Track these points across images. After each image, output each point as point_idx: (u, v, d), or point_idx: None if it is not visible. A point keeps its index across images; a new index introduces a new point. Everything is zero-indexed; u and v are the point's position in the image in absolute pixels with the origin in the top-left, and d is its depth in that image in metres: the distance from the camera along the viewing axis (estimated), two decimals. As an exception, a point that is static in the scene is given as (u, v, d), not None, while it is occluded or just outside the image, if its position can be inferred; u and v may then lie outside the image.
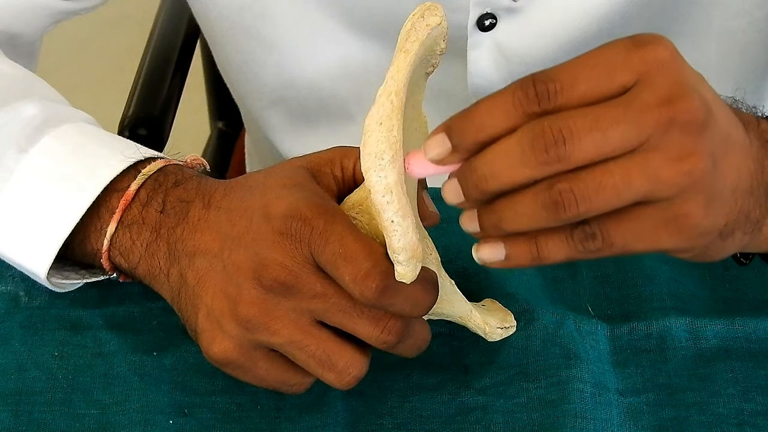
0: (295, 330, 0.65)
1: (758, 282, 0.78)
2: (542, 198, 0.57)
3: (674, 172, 0.57)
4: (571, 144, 0.56)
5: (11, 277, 0.77)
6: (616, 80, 0.57)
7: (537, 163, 0.56)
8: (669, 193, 0.57)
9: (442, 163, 0.59)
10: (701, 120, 0.57)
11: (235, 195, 0.69)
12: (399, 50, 0.61)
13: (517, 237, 0.60)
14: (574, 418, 0.70)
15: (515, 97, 0.57)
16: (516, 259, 0.60)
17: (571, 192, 0.57)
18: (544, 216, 0.57)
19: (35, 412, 0.71)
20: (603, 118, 0.56)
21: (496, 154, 0.57)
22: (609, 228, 0.59)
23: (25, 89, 0.78)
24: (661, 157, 0.57)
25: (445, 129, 0.59)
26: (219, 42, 0.99)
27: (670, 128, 0.57)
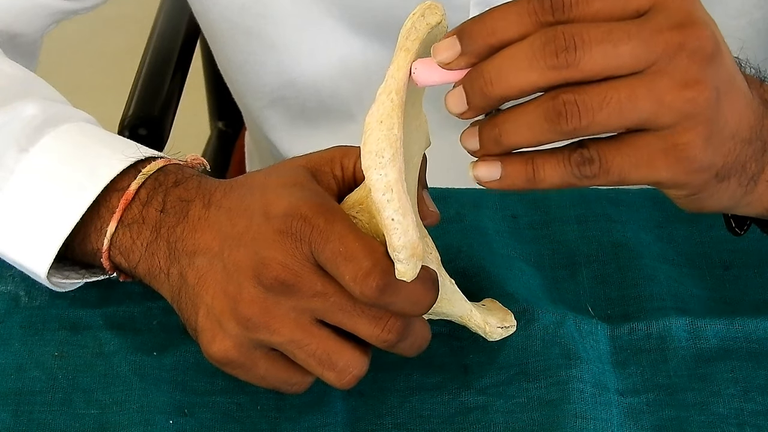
0: (295, 329, 0.65)
1: (758, 282, 0.78)
2: (545, 107, 0.57)
3: (679, 97, 0.58)
4: (581, 51, 0.56)
5: (11, 277, 0.77)
6: (632, 2, 0.58)
7: (545, 67, 0.57)
8: (671, 118, 0.58)
9: (449, 66, 0.59)
10: (710, 50, 0.58)
11: (235, 194, 0.69)
12: (399, 49, 0.61)
13: (514, 156, 0.60)
14: (574, 418, 0.70)
15: (530, 5, 0.58)
16: (511, 179, 0.60)
17: (575, 103, 0.57)
18: (545, 127, 0.58)
19: (35, 412, 0.71)
20: (615, 32, 0.57)
21: (505, 56, 0.58)
22: (607, 153, 0.59)
23: (26, 89, 0.79)
24: (667, 81, 0.57)
25: (456, 32, 0.59)
26: (219, 42, 0.99)
27: (679, 53, 0.57)
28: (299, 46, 0.94)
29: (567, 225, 0.81)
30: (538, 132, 0.58)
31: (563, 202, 0.82)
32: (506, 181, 0.60)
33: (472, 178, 0.61)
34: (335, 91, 0.97)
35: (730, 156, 0.62)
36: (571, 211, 0.82)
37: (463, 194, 0.82)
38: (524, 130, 0.58)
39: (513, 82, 0.58)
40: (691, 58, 0.58)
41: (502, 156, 0.60)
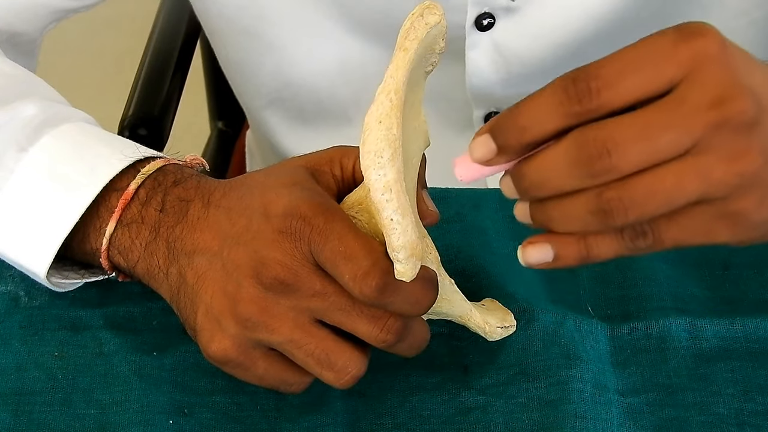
0: (294, 329, 0.65)
1: (758, 282, 0.78)
2: (591, 205, 0.57)
3: (727, 172, 0.56)
4: (617, 155, 0.55)
5: (11, 277, 0.77)
6: (662, 76, 0.56)
7: (585, 176, 0.56)
8: (723, 192, 0.57)
9: (488, 164, 0.59)
10: (752, 119, 0.56)
11: (235, 194, 0.69)
12: (398, 49, 0.61)
13: (565, 237, 0.60)
14: (574, 418, 0.70)
15: (555, 97, 0.56)
16: (565, 260, 0.60)
17: (620, 200, 0.56)
18: (594, 222, 0.57)
19: (35, 412, 0.71)
20: (650, 126, 0.55)
21: (543, 164, 0.57)
22: (661, 226, 0.58)
23: (25, 89, 0.79)
24: (713, 159, 0.56)
25: (489, 130, 0.58)
26: (218, 40, 0.99)
27: (721, 129, 0.56)
28: (297, 47, 0.94)
29: (567, 225, 0.81)
30: (588, 224, 0.58)
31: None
32: (560, 261, 0.60)
33: (521, 260, 0.61)
34: (333, 93, 0.97)
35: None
36: (571, 210, 0.82)
37: (463, 194, 0.82)
38: (573, 222, 0.58)
39: (556, 186, 0.57)
40: (734, 132, 0.56)
41: (552, 236, 0.60)
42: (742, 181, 0.57)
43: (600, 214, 0.57)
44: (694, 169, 0.56)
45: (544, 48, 0.88)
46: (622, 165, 0.55)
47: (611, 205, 0.56)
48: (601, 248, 0.59)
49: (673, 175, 0.56)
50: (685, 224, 0.58)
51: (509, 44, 0.89)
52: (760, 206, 0.58)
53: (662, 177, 0.56)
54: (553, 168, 0.57)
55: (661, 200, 0.56)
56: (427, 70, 0.65)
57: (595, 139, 0.55)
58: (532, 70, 0.90)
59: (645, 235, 0.59)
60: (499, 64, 0.90)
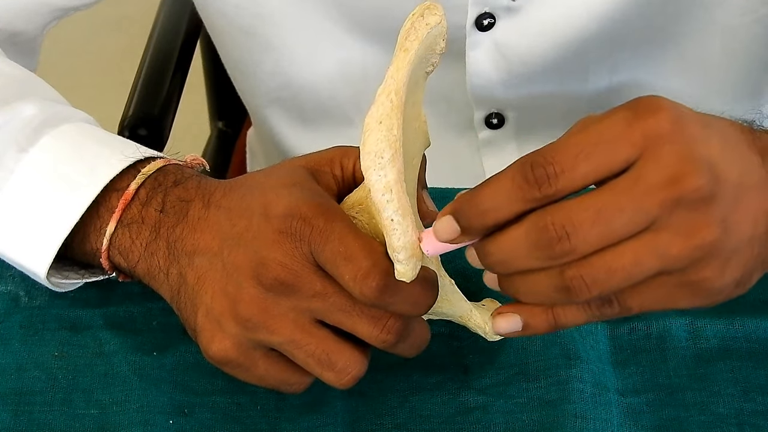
0: (294, 329, 0.65)
1: (758, 282, 0.78)
2: (555, 283, 0.58)
3: (684, 247, 0.57)
4: (575, 238, 0.56)
5: (11, 277, 0.77)
6: (617, 157, 0.56)
7: (545, 258, 0.57)
8: (681, 265, 0.58)
9: (453, 242, 0.60)
10: (708, 193, 0.56)
11: (235, 194, 0.69)
12: (399, 49, 0.61)
13: (533, 307, 0.61)
14: (574, 418, 0.70)
15: (515, 182, 0.57)
16: (534, 329, 0.62)
17: (582, 279, 0.57)
18: (559, 298, 0.59)
19: (35, 412, 0.71)
20: (605, 209, 0.56)
21: (504, 245, 0.58)
22: (625, 296, 0.60)
23: (25, 89, 0.78)
24: (669, 235, 0.57)
25: (452, 212, 0.59)
26: (219, 38, 0.99)
27: (677, 207, 0.56)
28: (296, 47, 0.94)
29: (567, 225, 0.81)
30: (552, 300, 0.59)
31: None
32: (529, 330, 0.62)
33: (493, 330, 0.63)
34: (333, 94, 0.97)
35: (749, 262, 0.61)
36: (571, 211, 0.82)
37: (463, 194, 0.82)
38: (538, 295, 0.59)
39: (519, 266, 0.58)
40: (689, 209, 0.56)
41: (521, 307, 0.62)
42: (701, 253, 0.57)
43: (564, 291, 0.58)
44: (651, 246, 0.57)
45: (545, 47, 0.88)
46: (581, 247, 0.56)
47: (573, 283, 0.57)
48: (568, 318, 0.61)
49: (631, 252, 0.57)
50: (648, 294, 0.59)
51: (510, 44, 0.88)
52: (721, 274, 0.59)
53: (620, 255, 0.57)
54: (514, 249, 0.58)
55: (621, 277, 0.57)
56: (427, 70, 0.65)
57: (553, 223, 0.56)
58: (534, 70, 0.90)
59: (611, 304, 0.60)
60: (500, 64, 0.90)
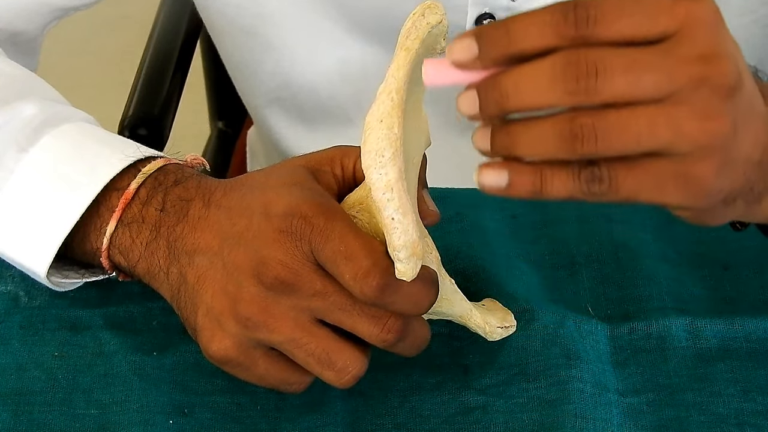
0: (294, 328, 0.65)
1: (758, 282, 0.78)
2: (561, 128, 0.57)
3: (698, 128, 0.57)
4: (603, 78, 0.56)
5: (11, 277, 0.77)
6: (658, 25, 0.57)
7: (564, 91, 0.56)
8: (687, 147, 0.58)
9: (462, 67, 0.58)
10: (732, 84, 0.58)
11: (235, 193, 0.69)
12: (400, 48, 0.61)
13: (522, 165, 0.59)
14: (574, 418, 0.70)
15: (553, 17, 0.56)
16: (517, 188, 0.59)
17: (593, 128, 0.56)
18: (559, 146, 0.57)
19: (35, 412, 0.71)
20: (639, 61, 0.56)
21: (524, 73, 0.57)
22: (618, 173, 0.58)
23: (25, 89, 0.79)
24: (687, 112, 0.57)
25: (475, 34, 0.57)
26: (219, 38, 0.99)
27: (702, 86, 0.57)
28: (297, 47, 0.94)
29: (567, 225, 0.81)
30: (552, 150, 0.57)
31: (563, 202, 0.82)
32: (512, 190, 0.60)
33: (476, 183, 0.60)
34: (333, 94, 0.97)
35: (739, 181, 0.62)
36: (571, 211, 0.82)
37: (463, 194, 0.82)
38: (538, 145, 0.57)
39: (529, 100, 0.57)
40: (713, 92, 0.57)
41: (510, 163, 0.59)
42: (709, 141, 0.58)
43: (568, 138, 0.56)
44: (668, 116, 0.57)
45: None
46: (605, 90, 0.56)
47: (583, 130, 0.56)
48: (555, 184, 0.59)
49: (647, 117, 0.57)
50: (642, 177, 0.59)
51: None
52: (717, 174, 0.59)
53: (636, 115, 0.56)
54: (532, 78, 0.56)
55: (630, 138, 0.57)
56: (428, 71, 0.65)
57: (586, 58, 0.56)
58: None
59: (602, 180, 0.58)
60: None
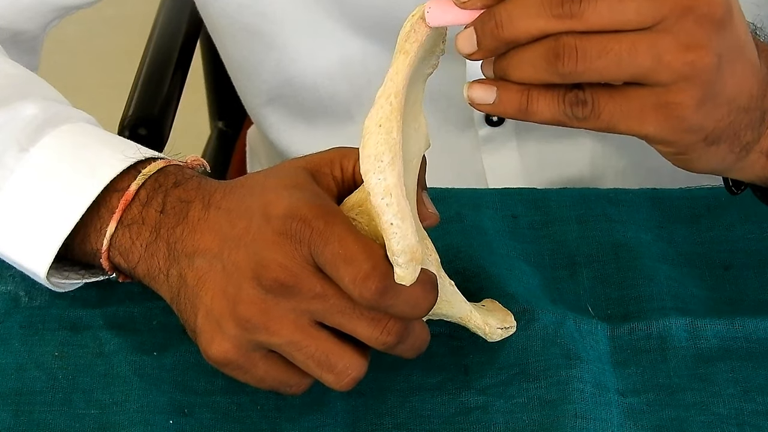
0: (294, 331, 0.65)
1: (758, 282, 0.78)
2: (546, 48, 0.59)
3: (679, 58, 0.59)
4: (587, 3, 0.58)
5: (11, 277, 0.77)
6: None
7: (551, 15, 0.58)
8: (668, 77, 0.59)
9: (465, 6, 0.60)
10: (719, 16, 0.59)
11: (235, 195, 0.69)
12: (398, 52, 0.61)
13: (511, 85, 0.62)
14: (574, 418, 0.70)
15: None
16: (504, 105, 0.62)
17: (575, 48, 0.59)
18: (543, 66, 0.59)
19: (35, 412, 0.71)
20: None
21: (516, 2, 0.59)
22: (601, 98, 0.60)
23: (26, 89, 0.79)
24: (670, 41, 0.58)
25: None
26: (220, 37, 0.99)
27: (687, 15, 0.58)
28: (298, 45, 0.94)
29: (567, 225, 0.81)
30: (538, 70, 0.60)
31: (563, 202, 0.82)
32: (499, 107, 0.62)
33: (465, 97, 0.63)
34: (334, 91, 0.97)
35: (722, 122, 0.63)
36: (571, 211, 0.82)
37: (463, 194, 0.82)
38: (526, 66, 0.60)
39: (521, 26, 0.59)
40: (697, 22, 0.59)
41: (500, 81, 0.62)
42: (690, 72, 0.59)
43: (551, 57, 0.59)
44: (650, 43, 0.58)
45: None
46: (588, 13, 0.58)
47: (565, 50, 0.59)
48: (540, 105, 0.61)
49: (630, 42, 0.58)
50: (623, 103, 0.60)
51: None
52: (697, 107, 0.60)
53: (619, 40, 0.58)
54: (523, 5, 0.59)
55: (611, 61, 0.59)
56: (427, 72, 0.65)
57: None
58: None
59: (585, 104, 0.61)
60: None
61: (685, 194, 0.83)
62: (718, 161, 0.65)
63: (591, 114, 0.61)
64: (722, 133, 0.63)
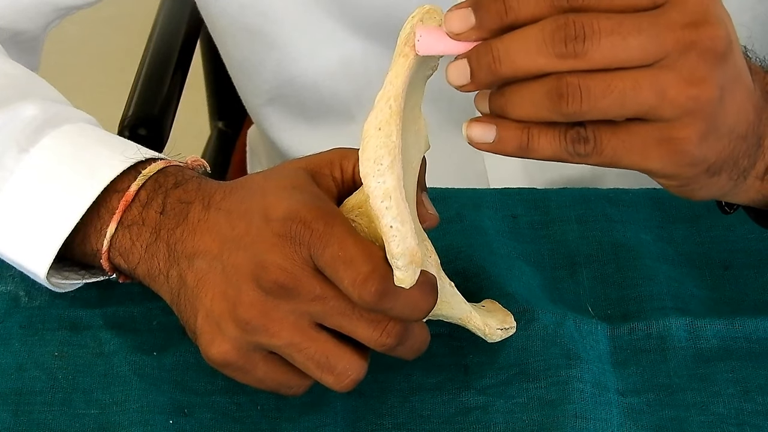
0: (294, 332, 0.65)
1: (758, 282, 0.78)
2: (549, 86, 0.58)
3: (683, 93, 0.58)
4: (590, 42, 0.57)
5: (11, 277, 0.77)
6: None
7: (553, 54, 0.57)
8: (672, 113, 0.59)
9: (459, 38, 0.59)
10: (721, 51, 0.59)
11: (235, 197, 0.69)
12: (398, 54, 0.61)
13: (511, 122, 0.61)
14: (574, 418, 0.70)
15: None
16: (504, 144, 0.61)
17: (578, 87, 0.58)
18: (546, 105, 0.58)
19: (35, 412, 0.71)
20: (626, 24, 0.57)
21: (515, 38, 0.58)
22: (603, 135, 0.60)
23: (26, 89, 0.79)
24: (673, 76, 0.58)
25: (472, 4, 0.59)
26: (221, 38, 0.99)
27: (690, 51, 0.58)
28: (299, 45, 0.94)
29: (567, 225, 0.81)
30: (540, 109, 0.59)
31: (563, 202, 0.82)
32: (499, 145, 0.61)
33: (464, 136, 0.62)
34: (335, 90, 0.97)
35: (724, 152, 0.63)
36: (571, 211, 0.82)
37: (463, 194, 0.82)
38: (527, 104, 0.59)
39: (520, 63, 0.58)
40: (700, 57, 0.58)
41: (499, 119, 0.61)
42: (693, 106, 0.58)
43: (555, 97, 0.58)
44: (654, 79, 0.58)
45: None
46: (592, 53, 0.57)
47: (569, 89, 0.58)
48: (542, 143, 0.60)
49: (633, 79, 0.58)
50: (626, 139, 0.60)
51: None
52: (700, 141, 0.60)
53: (622, 78, 0.58)
54: (523, 41, 0.58)
55: (615, 100, 0.58)
56: (427, 74, 0.65)
57: (574, 21, 0.57)
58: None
59: (587, 141, 0.60)
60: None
61: (686, 194, 0.83)
62: (718, 189, 0.65)
63: (593, 151, 0.60)
64: (723, 163, 0.63)
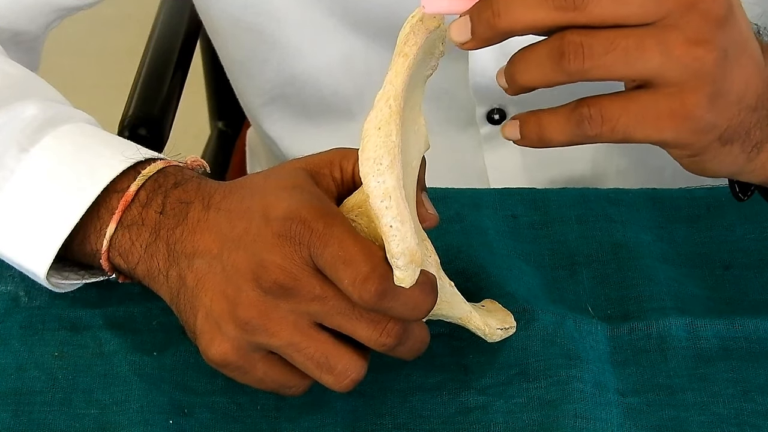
0: (293, 332, 0.65)
1: (758, 282, 0.78)
2: (551, 47, 0.58)
3: (687, 52, 0.58)
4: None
5: (11, 277, 0.77)
6: None
7: (552, 7, 0.57)
8: (678, 73, 0.59)
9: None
10: (722, 12, 0.59)
11: (235, 197, 0.69)
12: (397, 54, 0.61)
13: (527, 115, 0.61)
14: (574, 418, 0.70)
15: None
16: (526, 139, 0.62)
17: (580, 45, 0.58)
18: (549, 65, 0.58)
19: (35, 412, 0.71)
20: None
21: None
22: (613, 112, 0.60)
23: (26, 89, 0.79)
24: (677, 35, 0.58)
25: None
26: (221, 38, 0.99)
27: (691, 10, 0.58)
28: (301, 44, 0.94)
29: (567, 225, 0.81)
30: (544, 71, 0.59)
31: (563, 202, 0.82)
32: (524, 140, 0.62)
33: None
34: (336, 89, 0.97)
35: (734, 120, 0.63)
36: (571, 211, 0.82)
37: (462, 194, 0.82)
38: (532, 67, 0.60)
39: (519, 17, 0.58)
40: (702, 17, 0.58)
41: (521, 116, 0.62)
42: (699, 67, 0.58)
43: (557, 55, 0.58)
44: (657, 38, 0.58)
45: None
46: (592, 7, 0.57)
47: (570, 47, 0.58)
48: (553, 130, 0.61)
49: (637, 37, 0.58)
50: (636, 111, 0.60)
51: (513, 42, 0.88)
52: (710, 105, 0.60)
53: (625, 35, 0.58)
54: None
55: (619, 57, 0.58)
56: (426, 73, 0.65)
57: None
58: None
59: (592, 120, 0.60)
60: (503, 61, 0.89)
61: (685, 194, 0.83)
62: (731, 162, 0.65)
63: (604, 128, 0.60)
64: (734, 131, 0.63)
